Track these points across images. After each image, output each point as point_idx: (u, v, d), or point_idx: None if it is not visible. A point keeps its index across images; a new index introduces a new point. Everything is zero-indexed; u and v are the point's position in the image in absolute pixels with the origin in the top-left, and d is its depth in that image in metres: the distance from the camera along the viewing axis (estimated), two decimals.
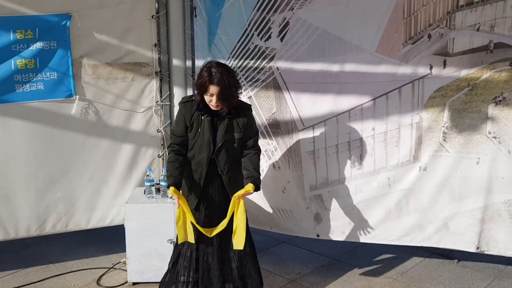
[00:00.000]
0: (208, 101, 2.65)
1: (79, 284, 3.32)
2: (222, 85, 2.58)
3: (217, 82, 2.58)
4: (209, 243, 2.79)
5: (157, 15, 3.66)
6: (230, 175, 2.75)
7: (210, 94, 2.61)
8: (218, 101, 2.61)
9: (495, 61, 2.83)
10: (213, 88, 2.59)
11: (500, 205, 2.95)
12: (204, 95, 2.64)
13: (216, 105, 2.63)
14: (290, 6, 3.25)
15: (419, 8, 2.97)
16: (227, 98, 2.62)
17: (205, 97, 2.65)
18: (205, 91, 2.62)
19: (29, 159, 3.38)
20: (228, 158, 2.73)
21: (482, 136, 2.94)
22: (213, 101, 2.62)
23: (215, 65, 2.64)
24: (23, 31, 3.22)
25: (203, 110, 2.70)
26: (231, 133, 2.71)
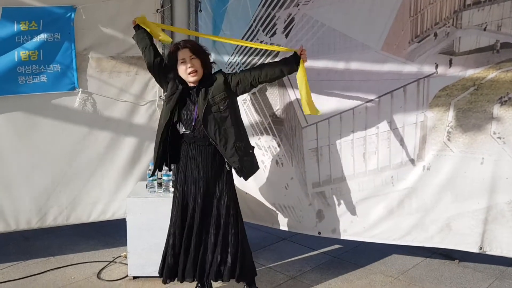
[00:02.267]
0: (183, 70, 2.66)
1: (79, 277, 3.32)
2: (190, 44, 2.69)
3: (184, 45, 2.67)
4: (189, 229, 2.83)
5: (161, 9, 3.64)
6: (220, 141, 2.71)
7: (182, 60, 2.65)
8: (192, 62, 2.64)
9: (501, 61, 2.82)
10: (183, 52, 2.65)
11: (503, 205, 2.94)
12: (178, 67, 2.67)
13: (193, 70, 2.65)
14: (295, 2, 3.23)
15: (426, 6, 2.95)
16: (201, 53, 2.69)
17: (179, 69, 2.68)
18: (176, 59, 2.66)
19: (31, 151, 3.37)
20: (217, 127, 2.69)
21: (487, 136, 2.92)
22: (189, 64, 2.64)
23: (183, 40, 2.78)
24: (27, 22, 3.21)
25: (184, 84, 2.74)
26: (213, 99, 2.67)
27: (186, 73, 2.68)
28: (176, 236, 2.85)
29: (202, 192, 2.79)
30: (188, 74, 2.68)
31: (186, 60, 2.66)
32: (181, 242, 2.84)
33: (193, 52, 2.68)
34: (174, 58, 2.69)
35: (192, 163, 2.80)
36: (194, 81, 2.71)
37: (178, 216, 2.84)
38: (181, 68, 2.69)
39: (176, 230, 2.85)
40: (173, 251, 2.85)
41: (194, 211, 2.81)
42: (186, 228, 2.83)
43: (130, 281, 3.26)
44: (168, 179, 3.32)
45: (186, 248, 2.83)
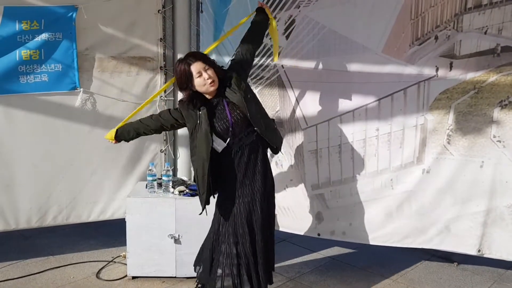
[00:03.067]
0: (202, 84, 2.57)
1: (79, 277, 3.32)
2: (199, 56, 2.63)
3: (194, 59, 2.59)
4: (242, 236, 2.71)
5: (163, 10, 3.65)
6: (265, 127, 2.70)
7: (198, 73, 2.57)
8: (208, 73, 2.56)
9: (502, 64, 2.81)
10: (196, 65, 2.57)
11: (503, 209, 2.94)
12: (195, 81, 2.58)
13: (212, 79, 2.57)
14: (296, 3, 3.24)
15: (427, 9, 2.95)
16: (212, 63, 2.64)
17: (197, 83, 2.58)
18: (191, 76, 2.57)
19: (32, 150, 3.38)
20: (258, 114, 2.68)
21: (487, 139, 2.92)
22: (207, 76, 2.56)
23: (182, 57, 2.68)
24: (28, 21, 3.22)
25: (197, 105, 2.64)
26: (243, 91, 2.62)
27: (206, 85, 2.58)
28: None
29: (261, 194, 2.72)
30: (209, 85, 2.58)
31: (202, 73, 2.57)
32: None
33: (206, 63, 2.60)
34: (189, 75, 2.58)
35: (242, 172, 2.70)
36: (214, 90, 2.62)
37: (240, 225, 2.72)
38: (198, 81, 2.57)
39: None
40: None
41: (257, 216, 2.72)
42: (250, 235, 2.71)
43: (129, 281, 3.26)
44: (168, 179, 3.33)
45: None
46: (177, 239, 3.20)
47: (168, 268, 3.23)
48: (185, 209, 3.16)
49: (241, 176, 2.70)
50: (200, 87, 2.61)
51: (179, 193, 3.28)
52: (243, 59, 2.79)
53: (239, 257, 2.69)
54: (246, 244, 2.68)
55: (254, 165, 2.72)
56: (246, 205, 2.70)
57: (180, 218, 3.18)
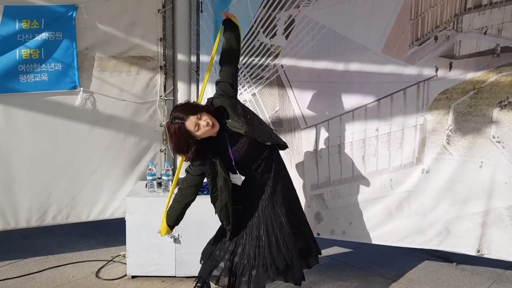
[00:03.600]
0: (203, 132, 2.41)
1: (78, 276, 3.32)
2: (187, 109, 2.42)
3: (185, 116, 2.39)
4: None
5: (163, 9, 3.65)
6: (275, 138, 2.66)
7: (196, 125, 2.39)
8: (204, 118, 2.40)
9: (501, 65, 2.82)
10: (189, 121, 2.38)
11: (502, 210, 2.95)
12: (195, 135, 2.42)
13: (212, 123, 2.41)
14: (296, 3, 3.24)
15: (427, 9, 2.96)
16: (202, 108, 2.45)
17: (198, 135, 2.42)
18: (189, 133, 2.40)
19: (32, 149, 3.38)
20: (265, 130, 2.62)
21: (486, 140, 2.93)
22: (205, 123, 2.39)
23: (169, 119, 2.46)
24: (28, 21, 3.22)
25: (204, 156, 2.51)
26: (239, 118, 2.52)
27: (207, 132, 2.43)
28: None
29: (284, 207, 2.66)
30: (211, 130, 2.43)
31: (199, 124, 2.40)
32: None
33: (196, 113, 2.41)
34: (187, 134, 2.40)
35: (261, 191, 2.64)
36: (215, 131, 2.47)
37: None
38: (200, 133, 2.41)
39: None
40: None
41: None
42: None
43: (129, 280, 3.26)
44: (167, 178, 3.33)
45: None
46: (176, 239, 3.20)
47: (167, 268, 3.23)
48: None
49: (260, 195, 2.64)
50: (203, 135, 2.46)
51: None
52: (229, 80, 2.62)
53: (244, 257, 2.64)
54: (252, 246, 2.62)
55: (273, 182, 2.64)
56: (266, 217, 2.64)
57: None
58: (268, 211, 2.63)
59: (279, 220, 2.64)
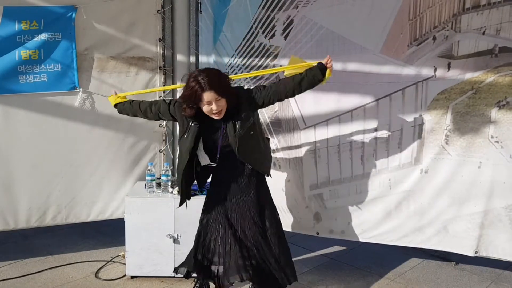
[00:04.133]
0: (208, 110, 2.49)
1: (78, 276, 3.33)
2: (216, 85, 2.44)
3: (210, 87, 2.42)
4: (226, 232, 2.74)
5: (162, 10, 3.66)
6: (255, 161, 2.71)
7: (207, 102, 2.45)
8: (217, 103, 2.46)
9: (499, 65, 2.82)
10: (208, 94, 2.43)
11: (500, 210, 2.95)
12: (202, 106, 2.49)
13: (218, 111, 2.48)
14: (294, 4, 3.24)
15: (425, 9, 2.96)
16: (226, 93, 2.47)
17: (204, 108, 2.49)
18: (200, 100, 2.46)
19: (31, 150, 3.38)
20: (249, 150, 2.64)
21: (485, 140, 2.93)
22: (215, 107, 2.45)
23: (199, 72, 2.49)
24: (28, 21, 3.22)
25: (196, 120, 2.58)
26: (240, 129, 2.56)
27: (211, 113, 2.51)
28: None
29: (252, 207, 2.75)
30: (214, 114, 2.50)
31: (211, 103, 2.46)
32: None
33: (219, 94, 2.45)
34: (198, 98, 2.46)
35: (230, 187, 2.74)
36: (219, 118, 2.54)
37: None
38: (205, 108, 2.49)
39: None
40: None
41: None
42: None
43: (128, 281, 3.27)
44: (167, 179, 3.34)
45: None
46: (176, 239, 3.21)
47: (167, 268, 3.23)
48: (184, 208, 3.15)
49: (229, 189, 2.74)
50: (205, 111, 2.52)
51: (178, 193, 3.28)
52: (267, 97, 2.62)
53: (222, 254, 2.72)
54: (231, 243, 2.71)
55: (243, 187, 2.74)
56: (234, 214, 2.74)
57: (178, 217, 3.18)
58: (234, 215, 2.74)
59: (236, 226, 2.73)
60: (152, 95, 3.61)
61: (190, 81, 2.48)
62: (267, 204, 2.81)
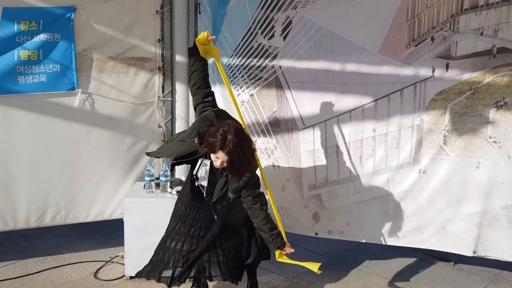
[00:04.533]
0: (213, 160, 2.45)
1: (77, 277, 3.33)
2: (233, 157, 2.37)
3: (228, 152, 2.35)
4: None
5: (161, 11, 3.66)
6: (223, 219, 2.68)
7: (216, 157, 2.42)
8: (222, 164, 2.43)
9: (497, 65, 2.84)
10: (222, 155, 2.37)
11: (498, 210, 2.96)
12: (211, 153, 2.45)
13: (219, 166, 2.46)
14: (293, 4, 3.25)
15: (423, 10, 2.97)
16: (235, 171, 2.43)
17: (211, 155, 2.46)
18: (213, 152, 2.41)
19: (30, 150, 3.38)
20: (223, 210, 2.65)
21: (483, 140, 2.94)
22: (217, 164, 2.43)
23: (233, 132, 2.36)
24: (27, 22, 3.22)
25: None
26: (226, 191, 2.59)
27: (212, 159, 2.49)
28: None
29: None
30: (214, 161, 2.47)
31: (219, 158, 2.42)
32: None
33: (230, 162, 2.40)
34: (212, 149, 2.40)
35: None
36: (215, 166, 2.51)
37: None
38: (212, 156, 2.45)
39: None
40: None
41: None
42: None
43: (127, 281, 3.27)
44: (165, 179, 3.34)
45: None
46: None
47: None
48: None
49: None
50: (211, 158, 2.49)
51: (176, 193, 3.29)
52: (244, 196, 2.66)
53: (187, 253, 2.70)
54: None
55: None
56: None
57: None
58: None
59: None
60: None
61: (219, 133, 2.38)
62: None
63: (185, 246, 2.70)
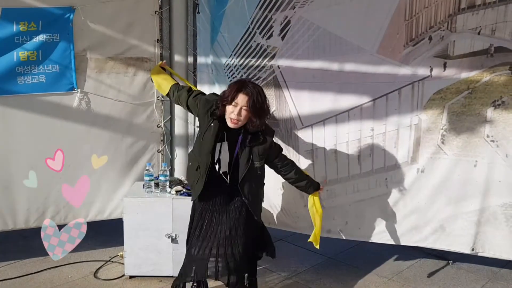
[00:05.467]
0: (230, 112, 2.53)
1: (76, 276, 3.34)
2: (253, 94, 2.49)
3: (249, 92, 2.49)
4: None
5: (160, 11, 3.67)
6: (252, 199, 2.73)
7: (235, 104, 2.50)
8: (239, 114, 2.51)
9: (495, 65, 2.85)
10: (242, 97, 2.49)
11: (496, 208, 2.97)
12: (228, 105, 2.53)
13: (236, 119, 2.53)
14: (292, 4, 3.26)
15: (421, 10, 2.98)
16: (257, 111, 2.53)
17: (227, 108, 2.54)
18: (232, 100, 2.50)
19: (29, 150, 3.39)
20: (251, 186, 2.70)
21: (480, 139, 2.95)
22: (235, 113, 2.50)
23: (250, 81, 2.56)
24: (26, 23, 3.23)
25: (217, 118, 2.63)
26: (252, 162, 2.65)
27: (228, 117, 2.57)
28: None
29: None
30: (230, 120, 2.56)
31: (237, 106, 2.52)
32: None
33: (249, 104, 2.52)
34: (231, 97, 2.53)
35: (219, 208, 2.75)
36: (232, 127, 2.59)
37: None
38: (228, 108, 2.55)
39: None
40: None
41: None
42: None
43: (127, 280, 3.28)
44: (165, 179, 3.35)
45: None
46: (174, 239, 3.22)
47: (165, 268, 3.25)
48: (182, 208, 3.17)
49: (219, 205, 2.75)
50: (225, 114, 2.58)
51: (176, 193, 3.30)
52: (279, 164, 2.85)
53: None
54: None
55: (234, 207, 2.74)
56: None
57: (177, 217, 3.20)
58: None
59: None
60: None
61: (233, 82, 2.60)
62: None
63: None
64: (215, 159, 2.69)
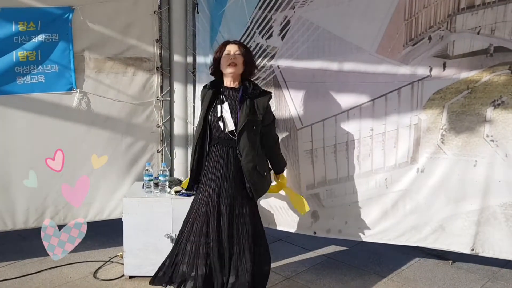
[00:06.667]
0: (225, 62, 2.74)
1: (76, 277, 3.34)
2: (240, 44, 2.81)
3: (234, 41, 2.83)
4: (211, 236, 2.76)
5: (159, 11, 3.67)
6: (248, 160, 2.73)
7: (227, 52, 2.74)
8: (236, 56, 2.72)
9: (494, 64, 2.85)
10: (231, 46, 2.77)
11: (496, 208, 2.97)
12: (221, 59, 2.76)
13: (233, 60, 2.71)
14: (291, 4, 3.26)
15: (420, 10, 2.98)
16: (247, 54, 2.79)
17: (222, 61, 2.76)
18: (222, 52, 2.76)
19: (28, 151, 3.39)
20: (248, 141, 2.74)
21: (480, 139, 2.95)
22: (231, 58, 2.71)
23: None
24: (25, 23, 3.23)
25: (215, 87, 2.81)
26: (253, 115, 2.75)
27: (226, 64, 2.75)
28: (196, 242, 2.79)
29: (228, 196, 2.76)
30: (227, 65, 2.74)
31: (230, 53, 2.76)
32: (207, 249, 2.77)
33: (240, 48, 2.79)
34: (221, 51, 2.79)
35: (215, 165, 2.79)
36: (231, 72, 2.75)
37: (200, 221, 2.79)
38: (223, 59, 2.77)
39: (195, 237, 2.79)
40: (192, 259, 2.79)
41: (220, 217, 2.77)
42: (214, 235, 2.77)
43: (126, 281, 3.28)
44: (164, 179, 3.35)
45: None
46: (173, 239, 3.22)
47: None
48: (182, 209, 3.16)
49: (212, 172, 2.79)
50: (222, 66, 2.76)
51: (175, 193, 3.30)
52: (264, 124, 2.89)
53: (207, 256, 2.76)
54: (213, 244, 2.75)
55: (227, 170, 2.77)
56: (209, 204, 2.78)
57: (176, 218, 3.19)
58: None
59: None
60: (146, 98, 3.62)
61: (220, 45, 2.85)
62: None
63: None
64: (217, 117, 2.75)
